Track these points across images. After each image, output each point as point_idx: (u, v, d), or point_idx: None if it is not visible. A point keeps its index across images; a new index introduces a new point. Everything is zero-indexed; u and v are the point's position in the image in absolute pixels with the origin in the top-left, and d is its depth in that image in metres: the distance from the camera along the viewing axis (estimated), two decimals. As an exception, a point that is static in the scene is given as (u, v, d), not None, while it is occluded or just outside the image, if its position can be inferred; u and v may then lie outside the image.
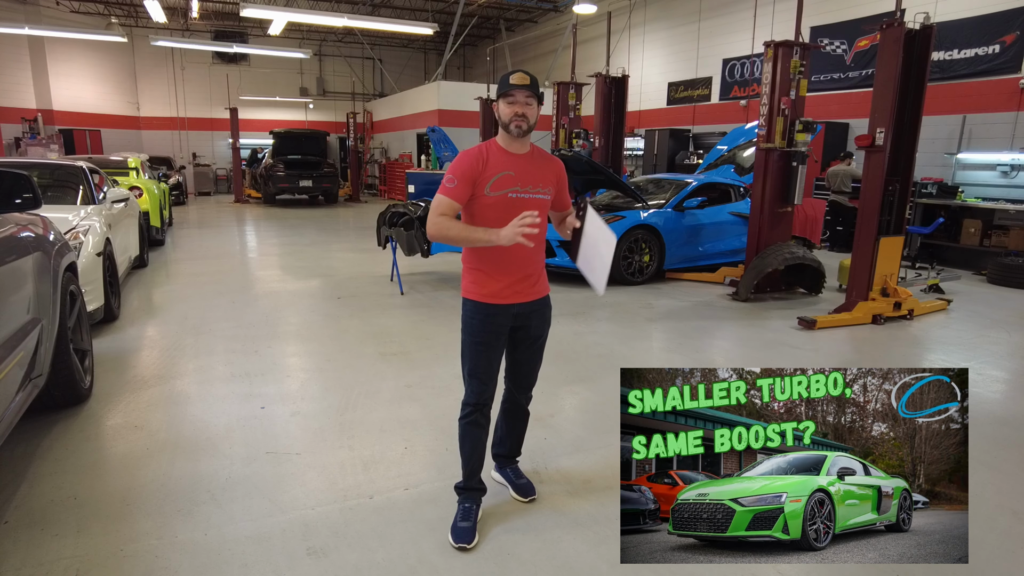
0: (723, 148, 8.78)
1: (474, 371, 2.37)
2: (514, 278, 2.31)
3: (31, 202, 2.86)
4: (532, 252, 2.33)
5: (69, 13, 17.94)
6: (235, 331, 5.07)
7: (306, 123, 22.94)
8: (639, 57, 15.67)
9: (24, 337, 2.60)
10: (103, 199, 5.95)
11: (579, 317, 5.68)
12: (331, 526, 2.44)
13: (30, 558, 2.21)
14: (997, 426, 3.52)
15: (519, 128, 2.21)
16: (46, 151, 15.28)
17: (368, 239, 10.23)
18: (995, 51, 8.93)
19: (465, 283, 2.36)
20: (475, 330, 2.34)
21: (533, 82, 2.21)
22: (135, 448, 3.05)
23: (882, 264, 5.70)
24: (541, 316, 2.44)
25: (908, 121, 5.56)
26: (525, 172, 2.27)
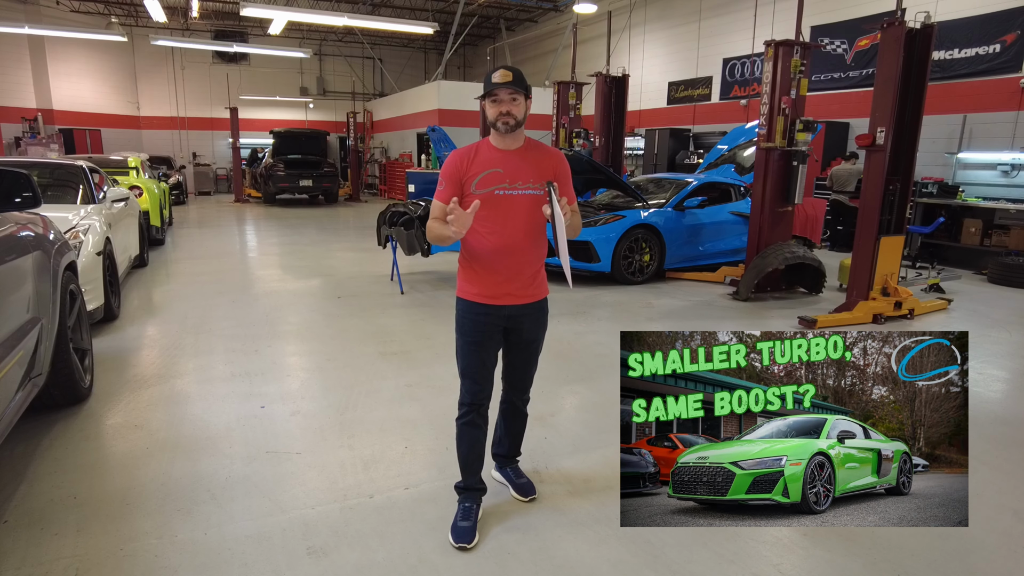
0: (723, 148, 8.78)
1: (467, 371, 2.36)
2: (503, 277, 2.28)
3: (31, 201, 2.86)
4: (526, 253, 2.30)
5: (69, 12, 17.94)
6: (235, 330, 5.07)
7: (306, 123, 22.93)
8: (639, 56, 15.66)
9: (24, 336, 2.60)
10: (103, 198, 5.95)
11: (579, 316, 5.67)
12: (331, 525, 2.44)
13: (30, 557, 2.21)
14: (998, 425, 3.52)
15: (506, 124, 2.19)
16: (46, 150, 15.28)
17: (368, 238, 10.22)
18: (995, 50, 8.93)
19: (458, 281, 2.36)
20: (466, 329, 2.33)
21: (517, 77, 2.16)
22: (135, 447, 3.04)
23: (883, 263, 5.69)
24: (535, 320, 2.40)
25: (909, 120, 5.55)
26: (515, 168, 2.24)
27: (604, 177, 7.63)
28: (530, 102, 2.23)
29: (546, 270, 2.43)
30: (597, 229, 6.85)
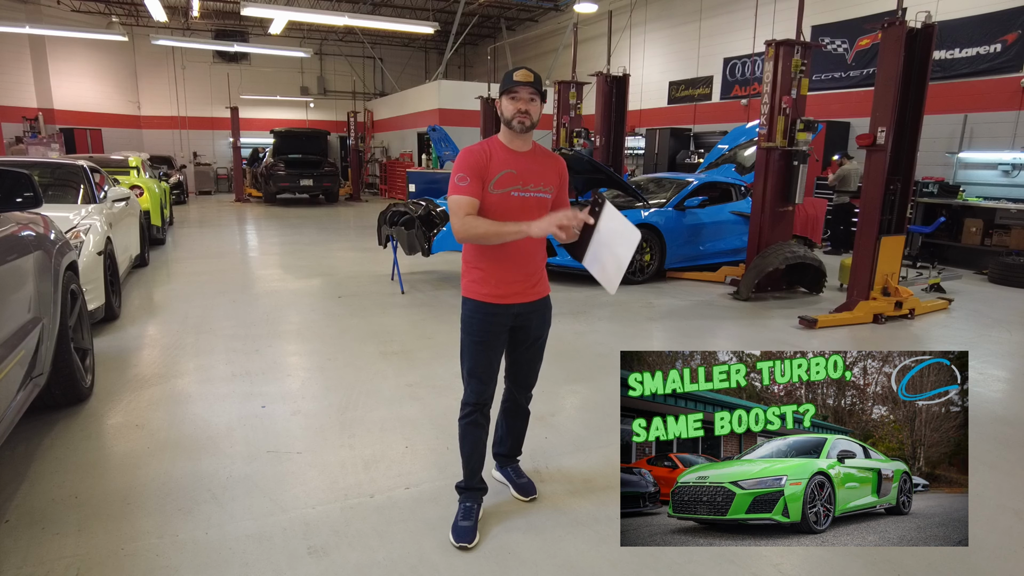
0: (724, 147, 8.77)
1: (473, 371, 2.36)
2: (514, 277, 2.30)
3: (32, 201, 2.86)
4: (533, 252, 2.33)
5: (70, 12, 17.95)
6: (236, 330, 5.07)
7: (307, 122, 22.93)
8: (640, 56, 15.66)
9: (25, 336, 2.60)
10: (104, 198, 5.95)
11: (580, 316, 5.67)
12: (332, 525, 2.44)
13: (31, 556, 2.21)
14: (998, 425, 3.52)
15: (522, 124, 2.20)
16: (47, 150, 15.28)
17: (369, 238, 10.22)
18: (996, 50, 8.92)
19: (465, 282, 2.35)
20: (474, 329, 2.33)
21: (536, 80, 2.21)
22: (136, 447, 3.05)
23: (883, 263, 5.69)
24: (541, 317, 2.43)
25: (909, 120, 5.55)
26: (527, 170, 2.26)
27: (604, 177, 7.62)
28: (543, 106, 2.27)
29: (548, 269, 2.44)
30: (598, 229, 6.84)
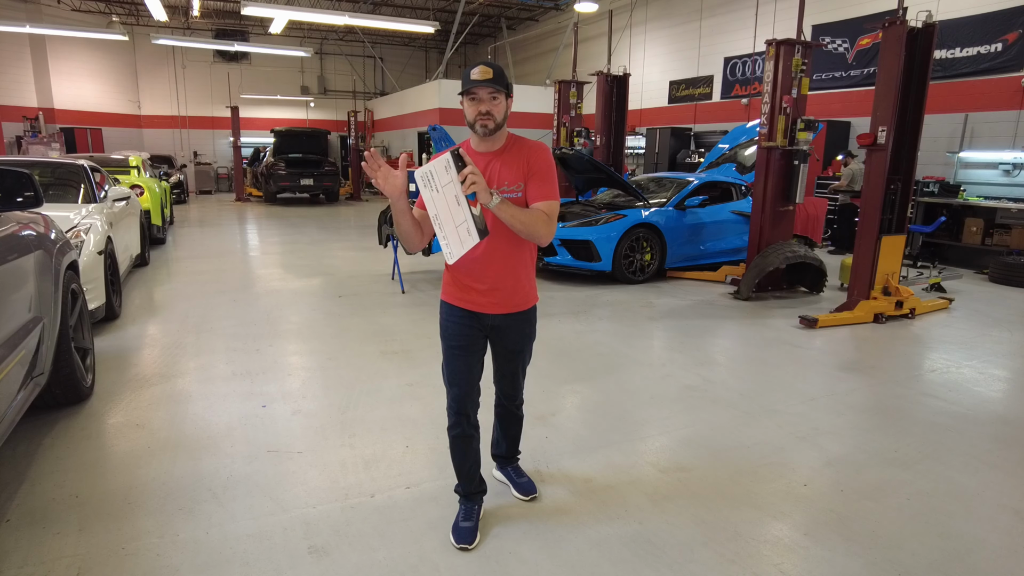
0: (724, 147, 8.77)
1: (452, 378, 2.27)
2: (485, 287, 2.17)
3: (32, 200, 2.86)
4: (505, 260, 2.16)
5: (70, 11, 17.94)
6: (236, 329, 5.07)
7: (307, 121, 22.93)
8: (640, 55, 15.65)
9: (26, 336, 2.60)
10: (104, 197, 5.95)
11: (580, 316, 5.67)
12: (332, 525, 2.44)
13: (32, 556, 2.21)
14: (999, 425, 3.52)
15: (485, 127, 2.04)
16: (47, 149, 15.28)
17: (369, 238, 10.23)
18: (997, 49, 8.91)
19: (442, 284, 2.31)
20: (449, 334, 2.25)
21: (498, 74, 2.00)
22: (136, 446, 3.05)
23: (884, 263, 5.69)
24: (519, 331, 2.29)
25: (910, 120, 5.54)
26: (495, 172, 2.10)
27: (605, 176, 7.63)
28: (511, 101, 2.08)
29: (548, 269, 2.41)
30: (598, 228, 6.85)
